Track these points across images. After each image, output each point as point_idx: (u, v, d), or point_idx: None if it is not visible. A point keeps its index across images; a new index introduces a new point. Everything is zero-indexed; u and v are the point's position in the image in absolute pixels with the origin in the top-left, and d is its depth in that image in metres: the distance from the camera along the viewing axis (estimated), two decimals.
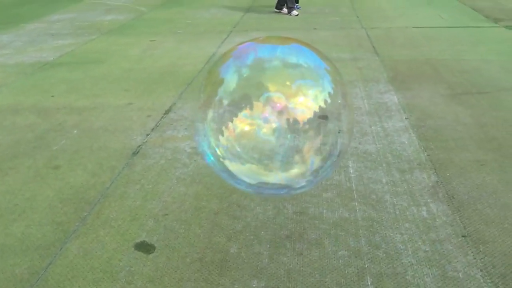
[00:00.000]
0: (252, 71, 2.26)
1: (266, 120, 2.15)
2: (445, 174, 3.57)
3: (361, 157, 3.88)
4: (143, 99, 5.31)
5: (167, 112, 4.92)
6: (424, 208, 3.17)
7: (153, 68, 6.45)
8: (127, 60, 6.91)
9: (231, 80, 2.24)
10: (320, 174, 2.29)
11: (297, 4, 10.26)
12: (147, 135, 4.40)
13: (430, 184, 3.45)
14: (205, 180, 3.59)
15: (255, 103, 2.16)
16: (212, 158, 2.35)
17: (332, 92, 2.19)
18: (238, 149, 2.25)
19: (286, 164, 2.27)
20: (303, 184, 2.32)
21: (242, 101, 2.20)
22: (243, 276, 2.61)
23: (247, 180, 2.34)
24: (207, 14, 10.29)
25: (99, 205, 3.31)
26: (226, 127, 2.21)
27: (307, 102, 2.17)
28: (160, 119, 4.74)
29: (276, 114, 2.13)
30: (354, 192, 3.39)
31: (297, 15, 9.79)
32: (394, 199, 3.28)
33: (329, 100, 2.16)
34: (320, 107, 2.15)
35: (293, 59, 2.30)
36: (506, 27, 8.18)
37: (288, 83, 2.20)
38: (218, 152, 2.31)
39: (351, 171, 3.67)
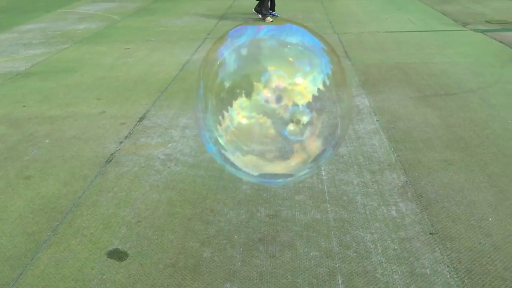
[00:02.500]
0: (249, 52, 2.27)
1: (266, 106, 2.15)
2: (414, 174, 3.66)
3: (333, 159, 3.94)
4: (117, 107, 5.29)
5: (140, 119, 4.91)
6: (394, 207, 3.24)
7: (126, 76, 6.43)
8: (100, 68, 6.87)
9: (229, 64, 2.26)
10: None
11: (274, 12, 10.37)
12: (121, 142, 4.39)
13: (399, 184, 3.53)
14: (178, 186, 3.60)
15: (256, 85, 2.17)
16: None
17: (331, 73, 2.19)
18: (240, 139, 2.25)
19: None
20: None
21: (242, 86, 2.19)
22: (216, 280, 2.62)
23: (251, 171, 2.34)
24: (180, 22, 10.30)
25: (71, 214, 3.29)
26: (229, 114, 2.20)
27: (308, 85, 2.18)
28: (134, 127, 4.73)
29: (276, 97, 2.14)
30: (326, 194, 3.44)
31: (271, 21, 9.88)
32: (365, 200, 3.35)
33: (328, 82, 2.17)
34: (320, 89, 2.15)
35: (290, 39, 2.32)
36: (474, 30, 8.42)
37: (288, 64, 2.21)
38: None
39: (323, 173, 3.72)
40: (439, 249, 2.80)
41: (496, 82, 5.57)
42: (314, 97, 2.15)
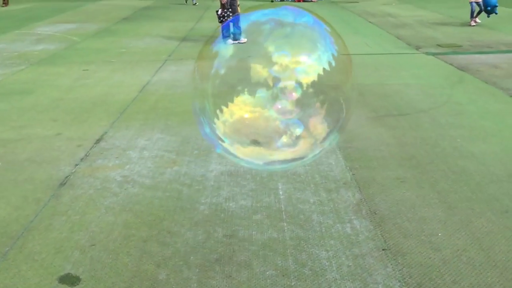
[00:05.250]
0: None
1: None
2: (368, 191, 3.76)
3: (291, 178, 4.00)
4: (73, 128, 5.21)
5: (98, 141, 4.84)
6: (348, 224, 3.31)
7: (84, 98, 6.35)
8: (57, 90, 6.76)
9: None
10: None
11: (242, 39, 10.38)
12: (76, 165, 4.31)
13: (354, 202, 3.61)
14: (135, 208, 3.56)
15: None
16: None
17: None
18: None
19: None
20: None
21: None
22: None
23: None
24: (141, 43, 10.29)
25: (22, 239, 3.19)
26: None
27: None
28: (90, 149, 4.66)
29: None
30: (283, 213, 3.48)
31: (233, 43, 9.99)
32: (321, 218, 3.40)
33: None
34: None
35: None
36: (426, 53, 8.79)
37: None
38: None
39: (281, 192, 3.77)
40: (391, 264, 2.87)
41: (446, 103, 5.82)
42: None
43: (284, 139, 2.32)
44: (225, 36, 8.48)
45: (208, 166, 4.24)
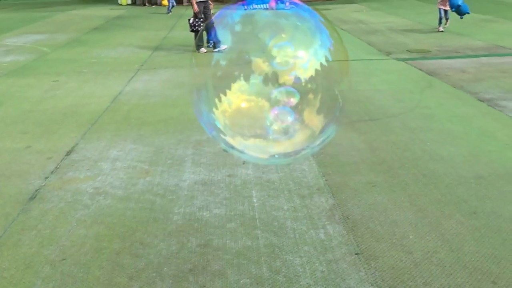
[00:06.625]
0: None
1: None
2: (341, 196, 3.80)
3: (265, 186, 4.01)
4: (43, 141, 5.11)
5: (68, 153, 4.77)
6: (322, 230, 3.33)
7: (55, 109, 6.24)
8: (27, 101, 6.63)
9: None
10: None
11: (210, 44, 10.21)
12: (46, 178, 4.23)
13: (327, 207, 3.64)
14: (107, 220, 3.51)
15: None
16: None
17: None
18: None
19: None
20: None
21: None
22: None
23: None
24: (113, 53, 10.19)
25: None
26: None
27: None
28: (61, 161, 4.58)
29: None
30: (257, 220, 3.48)
31: (205, 52, 9.98)
32: (295, 224, 3.42)
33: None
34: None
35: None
36: (396, 59, 8.96)
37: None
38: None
39: (255, 200, 3.77)
40: (364, 268, 2.90)
41: (416, 107, 5.94)
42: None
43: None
44: (199, 45, 8.33)
45: (181, 176, 4.21)
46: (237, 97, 2.35)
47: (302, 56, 2.41)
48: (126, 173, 4.29)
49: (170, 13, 18.00)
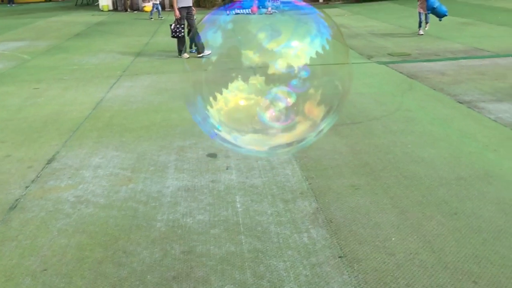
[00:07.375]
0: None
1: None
2: (324, 200, 3.81)
3: (248, 191, 4.01)
4: (23, 149, 5.04)
5: (49, 161, 4.71)
6: (306, 234, 3.34)
7: (35, 117, 6.16)
8: (6, 110, 6.53)
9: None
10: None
11: (192, 49, 10.29)
12: (27, 187, 4.17)
13: (311, 211, 3.66)
14: (89, 229, 3.47)
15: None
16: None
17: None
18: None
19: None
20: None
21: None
22: None
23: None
24: (95, 60, 10.11)
25: None
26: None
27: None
28: (42, 170, 4.52)
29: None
30: (241, 225, 3.48)
31: (188, 57, 9.97)
32: (278, 229, 3.42)
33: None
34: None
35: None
36: (377, 62, 9.05)
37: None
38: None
39: (238, 205, 3.77)
40: (347, 271, 2.92)
41: (397, 110, 6.01)
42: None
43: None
44: (181, 50, 8.32)
45: (164, 182, 4.19)
46: (227, 100, 2.42)
47: (287, 59, 2.47)
48: (108, 180, 4.25)
49: (152, 19, 17.90)
